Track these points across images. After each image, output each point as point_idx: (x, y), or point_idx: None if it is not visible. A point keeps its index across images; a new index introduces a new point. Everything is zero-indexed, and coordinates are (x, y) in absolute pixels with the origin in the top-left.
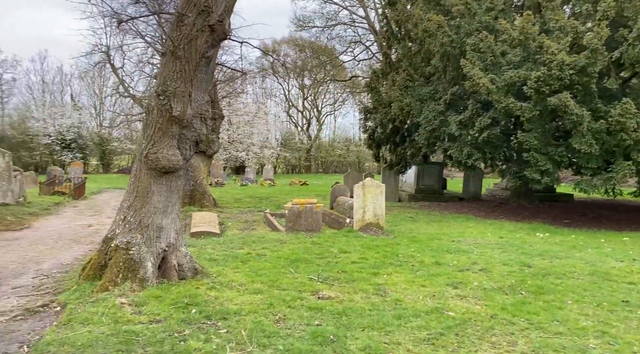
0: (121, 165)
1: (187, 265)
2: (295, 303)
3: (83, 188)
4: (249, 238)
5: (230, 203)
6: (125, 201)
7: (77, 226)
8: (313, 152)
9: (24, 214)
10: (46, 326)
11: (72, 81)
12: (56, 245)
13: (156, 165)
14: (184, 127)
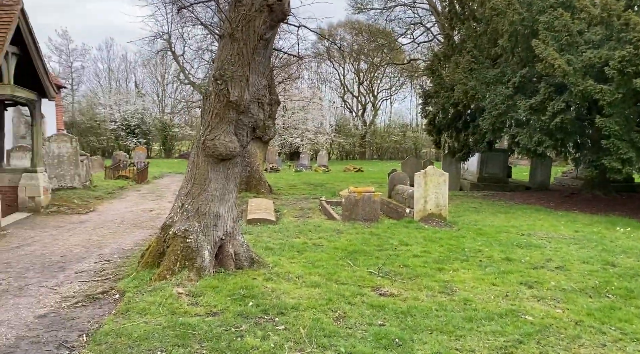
0: (182, 150)
1: (243, 254)
2: (355, 300)
3: (146, 172)
4: (304, 227)
5: (285, 189)
6: (183, 188)
7: (139, 211)
8: (368, 138)
9: (90, 197)
10: (105, 314)
11: (136, 68)
12: (118, 229)
13: (213, 152)
14: (241, 113)
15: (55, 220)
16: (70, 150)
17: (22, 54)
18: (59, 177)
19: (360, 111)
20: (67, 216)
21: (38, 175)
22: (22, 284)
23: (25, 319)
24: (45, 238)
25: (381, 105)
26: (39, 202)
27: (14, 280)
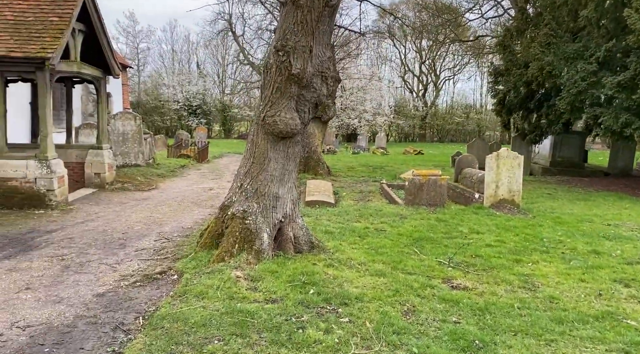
0: (240, 131)
1: (303, 238)
2: (425, 292)
3: (206, 152)
4: (365, 211)
5: (343, 171)
6: (242, 167)
7: (199, 189)
8: (428, 119)
9: (153, 175)
10: (163, 295)
11: (197, 49)
12: (179, 208)
13: (273, 130)
14: (303, 87)
15: (119, 196)
16: (134, 128)
17: (88, 31)
18: (123, 154)
19: (421, 91)
20: (130, 193)
21: (103, 152)
22: (83, 260)
23: (84, 298)
24: (109, 214)
25: (443, 85)
26: (104, 178)
27: (76, 255)
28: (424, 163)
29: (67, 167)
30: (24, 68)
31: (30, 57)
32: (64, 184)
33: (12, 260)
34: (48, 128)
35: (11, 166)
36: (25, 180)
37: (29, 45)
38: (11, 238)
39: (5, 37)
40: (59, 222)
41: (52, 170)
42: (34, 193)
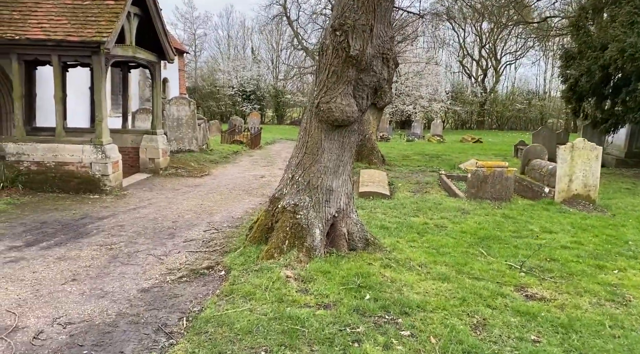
0: (293, 117)
1: (357, 234)
2: (496, 302)
3: (259, 138)
4: (423, 204)
5: (397, 160)
6: (293, 157)
7: (250, 177)
8: (487, 106)
9: (206, 161)
10: (209, 293)
11: (252, 35)
12: (230, 195)
13: (328, 117)
14: (362, 70)
15: (172, 182)
16: (189, 113)
17: (143, 15)
18: (177, 139)
19: (480, 76)
20: (183, 179)
21: (157, 137)
22: (131, 250)
23: (129, 293)
24: (161, 201)
25: (504, 70)
26: (158, 164)
27: (125, 245)
28: (484, 152)
29: (122, 152)
30: (80, 53)
31: (86, 41)
32: (118, 169)
33: (63, 247)
34: (103, 113)
35: (68, 150)
36: (81, 164)
37: (85, 29)
38: (64, 224)
39: (63, 22)
40: (111, 208)
41: (107, 155)
42: (89, 177)
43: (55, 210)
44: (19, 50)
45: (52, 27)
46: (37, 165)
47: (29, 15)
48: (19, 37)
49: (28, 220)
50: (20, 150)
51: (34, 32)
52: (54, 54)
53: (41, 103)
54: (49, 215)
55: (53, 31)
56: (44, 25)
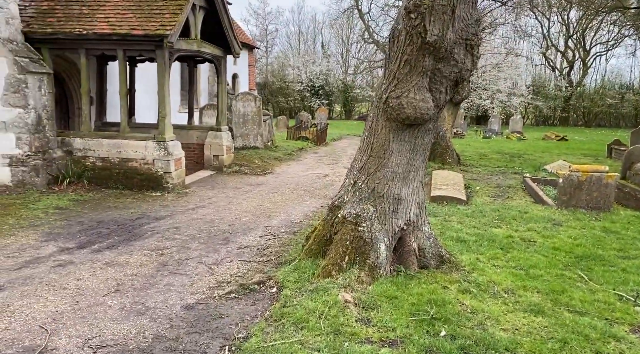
0: (361, 112)
1: (430, 250)
2: (607, 348)
3: (325, 134)
4: (505, 212)
5: (474, 159)
6: (356, 161)
7: (313, 176)
8: (573, 100)
9: (270, 158)
10: (257, 314)
11: (323, 29)
12: (291, 196)
13: (398, 115)
14: (440, 59)
15: (235, 180)
16: (254, 109)
17: (208, 7)
18: (243, 135)
19: (565, 69)
20: (245, 177)
21: (222, 134)
22: (182, 257)
23: (171, 310)
24: (221, 200)
25: (593, 61)
26: (221, 161)
27: (177, 250)
28: (571, 152)
29: (187, 149)
30: (144, 47)
31: (150, 35)
32: (181, 166)
33: (113, 251)
34: (166, 109)
35: (132, 146)
36: (144, 161)
37: (149, 23)
38: (120, 223)
39: (128, 15)
40: (170, 207)
41: (170, 152)
42: (152, 174)
43: (114, 208)
44: (86, 45)
45: (117, 21)
46: (102, 161)
47: (97, 9)
48: (87, 31)
49: (86, 218)
50: (87, 145)
51: (100, 26)
52: (119, 48)
53: (112, 98)
54: (107, 214)
55: (118, 25)
56: (110, 20)
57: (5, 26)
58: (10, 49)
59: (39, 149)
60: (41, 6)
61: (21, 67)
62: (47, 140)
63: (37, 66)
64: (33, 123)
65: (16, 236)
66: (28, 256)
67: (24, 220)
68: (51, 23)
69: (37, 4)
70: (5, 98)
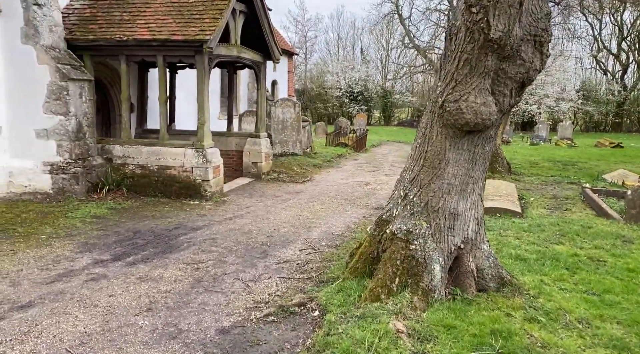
0: (400, 117)
1: (489, 271)
2: None
3: (364, 140)
4: (566, 226)
5: (524, 168)
6: (407, 171)
7: (354, 183)
8: (627, 105)
9: (309, 165)
10: (298, 343)
11: (362, 35)
12: (331, 205)
13: (456, 120)
14: (505, 58)
15: (273, 188)
16: (293, 115)
17: (249, 12)
18: (282, 142)
19: (618, 73)
20: (284, 185)
21: (260, 141)
22: (218, 272)
23: (205, 334)
24: (259, 209)
25: None
26: (260, 168)
27: (213, 264)
28: (629, 160)
29: (226, 155)
30: (184, 53)
31: (189, 40)
32: (219, 174)
33: (148, 264)
34: (205, 115)
35: (170, 154)
36: (183, 168)
37: (189, 28)
38: (157, 234)
39: (168, 21)
40: (208, 217)
41: (208, 159)
42: (190, 182)
43: (152, 218)
44: (126, 51)
45: (158, 26)
46: (141, 169)
47: (137, 15)
48: (127, 38)
49: (123, 228)
50: (126, 152)
51: (141, 32)
52: (159, 54)
53: (153, 105)
54: (144, 223)
55: (158, 31)
56: (150, 25)
57: (49, 34)
58: (53, 56)
59: (79, 156)
60: (84, 13)
61: (63, 74)
62: (87, 148)
63: (79, 73)
64: (74, 131)
65: (52, 246)
66: (62, 269)
67: (61, 229)
68: (93, 30)
69: (80, 12)
70: (47, 106)
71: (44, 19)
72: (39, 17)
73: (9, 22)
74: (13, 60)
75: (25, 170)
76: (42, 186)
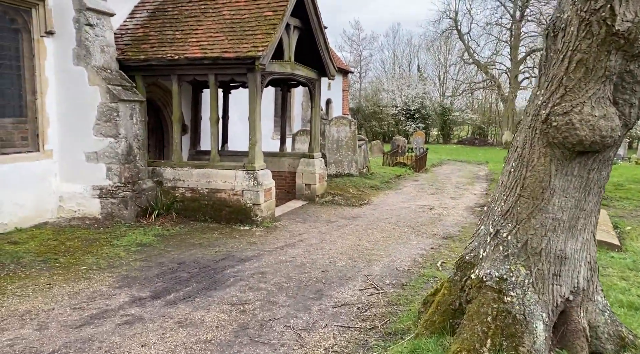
0: (460, 135)
1: (605, 328)
2: None
3: (424, 159)
4: None
5: (608, 190)
6: (497, 201)
7: (416, 208)
8: None
9: (365, 187)
10: None
11: (419, 52)
12: (392, 233)
13: (565, 138)
14: (633, 57)
15: (328, 212)
16: (349, 134)
17: (303, 27)
18: (337, 162)
19: None
20: (339, 209)
21: (314, 161)
22: (266, 317)
23: None
24: (313, 236)
25: None
26: (314, 190)
27: (260, 306)
28: None
29: (279, 177)
30: (236, 71)
31: (241, 57)
32: (271, 197)
33: (189, 303)
34: (257, 136)
35: (221, 176)
36: (233, 191)
37: (241, 44)
38: (202, 266)
39: (220, 38)
40: (257, 246)
41: (259, 181)
42: (240, 206)
43: (199, 246)
44: (178, 70)
45: (209, 44)
46: (192, 192)
47: (189, 34)
48: (178, 56)
49: (167, 258)
50: (177, 175)
51: (192, 50)
52: (211, 73)
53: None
54: (191, 253)
55: (210, 49)
56: (202, 43)
57: (100, 54)
58: (104, 76)
59: (128, 180)
60: (136, 33)
61: (113, 95)
62: (138, 171)
63: (129, 94)
64: (123, 153)
65: (90, 280)
66: (95, 309)
67: (104, 259)
68: (144, 49)
69: (133, 32)
70: (97, 128)
71: (95, 39)
72: (91, 37)
73: (61, 44)
74: (65, 82)
75: (75, 195)
76: (91, 211)
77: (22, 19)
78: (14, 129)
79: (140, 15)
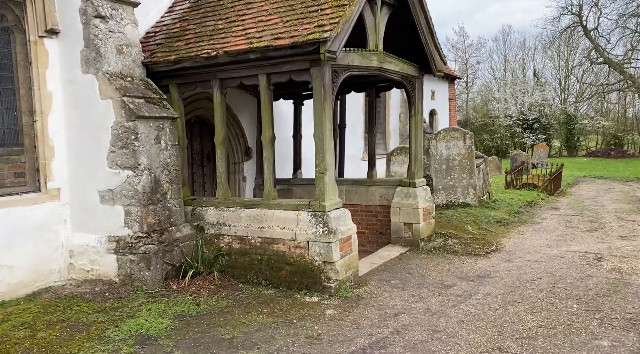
0: (589, 147)
1: None
2: None
3: (559, 179)
4: None
5: None
6: None
7: (574, 257)
8: None
9: (489, 222)
10: None
11: (535, 55)
12: (553, 316)
13: None
14: None
15: (438, 267)
16: (463, 150)
17: (396, 5)
18: (447, 188)
19: None
20: (456, 261)
21: (416, 190)
22: None
23: None
24: (416, 322)
25: None
26: (416, 231)
27: None
28: None
29: (367, 213)
30: (295, 66)
31: (300, 43)
32: (351, 250)
33: None
34: (327, 160)
35: (277, 220)
36: (295, 243)
37: (300, 26)
38: None
39: (273, 21)
40: (323, 344)
41: (331, 228)
42: (305, 265)
43: (228, 343)
44: (219, 73)
45: (258, 31)
46: (240, 242)
47: (234, 21)
48: (216, 52)
49: None
50: (221, 218)
51: (235, 42)
52: (261, 72)
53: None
54: None
55: (258, 37)
56: (249, 31)
57: (116, 57)
58: (118, 86)
59: (153, 227)
60: (172, 29)
61: (130, 111)
62: (169, 213)
63: (154, 108)
64: (145, 191)
65: None
66: None
67: None
68: (177, 48)
69: (169, 28)
70: (112, 157)
71: (109, 36)
72: (102, 34)
73: (67, 46)
74: (73, 96)
75: (88, 249)
76: (106, 271)
77: (12, 14)
78: (4, 163)
79: (181, 7)
